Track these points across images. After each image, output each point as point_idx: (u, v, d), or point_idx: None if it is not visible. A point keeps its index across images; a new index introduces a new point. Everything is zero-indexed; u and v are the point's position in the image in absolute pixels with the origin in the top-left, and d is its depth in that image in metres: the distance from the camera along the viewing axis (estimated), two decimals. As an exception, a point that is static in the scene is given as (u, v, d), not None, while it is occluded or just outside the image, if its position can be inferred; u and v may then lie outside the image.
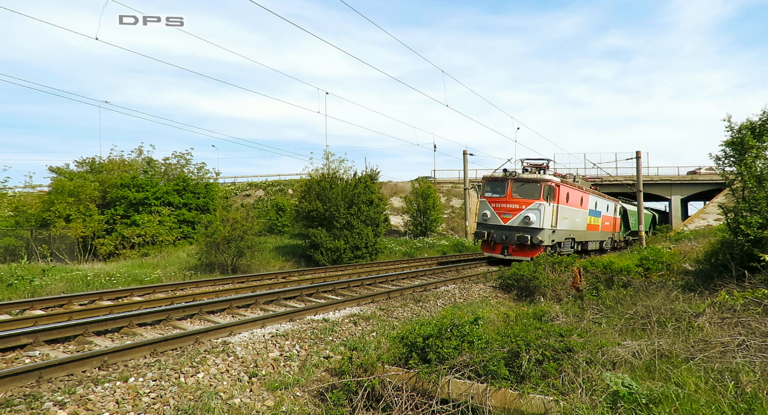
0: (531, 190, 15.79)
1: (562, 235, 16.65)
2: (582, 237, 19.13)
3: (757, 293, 6.04)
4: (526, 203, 15.63)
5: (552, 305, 8.58)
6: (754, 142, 9.07)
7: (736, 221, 8.64)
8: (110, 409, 3.93)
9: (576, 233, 18.22)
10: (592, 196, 20.36)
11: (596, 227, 21.14)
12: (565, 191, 16.68)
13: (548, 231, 15.47)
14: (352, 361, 5.01)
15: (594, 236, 20.93)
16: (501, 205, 16.17)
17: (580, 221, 18.61)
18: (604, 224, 22.53)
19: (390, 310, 8.42)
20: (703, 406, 3.43)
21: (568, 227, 17.26)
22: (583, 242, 19.50)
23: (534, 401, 3.88)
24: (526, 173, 16.24)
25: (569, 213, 17.16)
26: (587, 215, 19.50)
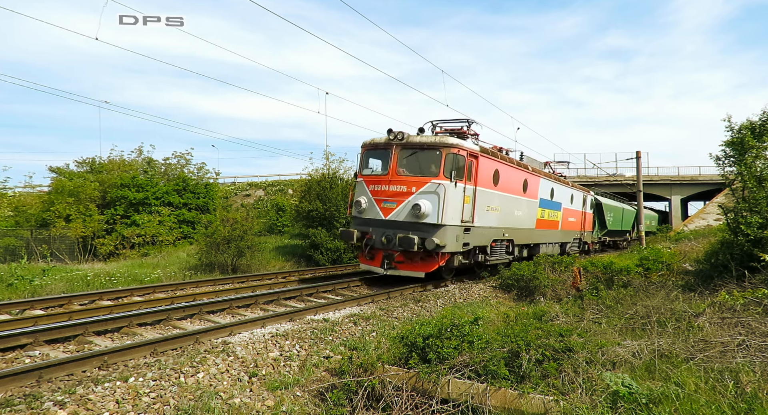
0: (426, 163, 10.14)
1: (485, 235, 11.35)
2: (527, 238, 14.06)
3: (757, 293, 6.04)
4: (418, 183, 9.93)
5: (552, 305, 8.58)
6: (754, 142, 9.08)
7: (736, 221, 8.64)
8: (110, 409, 3.93)
9: (516, 232, 13.07)
10: (545, 181, 15.23)
11: (553, 223, 16.11)
12: (489, 167, 11.32)
13: (454, 230, 10.01)
14: (352, 361, 5.01)
15: (549, 236, 15.83)
16: (382, 188, 10.28)
17: (523, 215, 13.57)
18: (567, 221, 17.66)
19: (390, 310, 8.42)
20: (703, 406, 3.43)
21: (499, 222, 12.02)
22: (529, 245, 14.46)
23: (534, 401, 3.88)
24: (422, 136, 10.40)
25: (501, 202, 12.02)
26: (536, 207, 14.49)
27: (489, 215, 11.48)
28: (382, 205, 10.21)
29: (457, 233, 10.16)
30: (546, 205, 15.46)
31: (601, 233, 23.95)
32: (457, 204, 10.10)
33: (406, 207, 9.86)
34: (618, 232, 27.95)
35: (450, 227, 9.88)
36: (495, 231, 11.86)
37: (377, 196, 10.32)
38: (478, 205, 10.81)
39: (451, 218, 9.92)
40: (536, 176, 14.58)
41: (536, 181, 14.56)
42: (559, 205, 16.75)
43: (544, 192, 15.23)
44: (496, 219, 11.85)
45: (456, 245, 10.16)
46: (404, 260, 10.16)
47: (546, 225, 15.61)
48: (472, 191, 10.66)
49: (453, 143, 10.11)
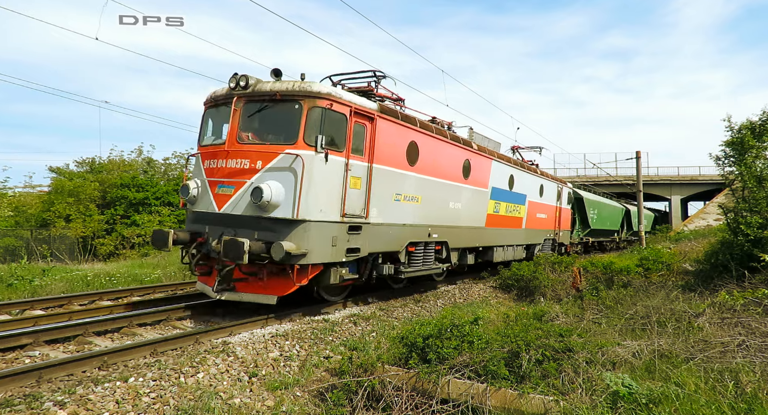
0: (280, 124, 6.94)
1: (393, 236, 8.10)
2: (471, 239, 10.84)
3: (757, 293, 6.04)
4: (266, 156, 6.69)
5: (552, 305, 8.58)
6: (754, 142, 9.07)
7: (736, 221, 8.64)
8: (110, 409, 3.93)
9: (451, 231, 9.85)
10: (501, 165, 12.19)
11: (513, 220, 13.14)
12: (399, 138, 8.17)
13: (325, 228, 6.79)
14: (352, 361, 5.01)
15: (507, 236, 12.79)
16: (218, 165, 7.00)
17: (463, 209, 10.32)
18: (535, 217, 14.66)
19: (390, 310, 8.42)
20: (703, 406, 3.43)
21: (420, 217, 8.81)
22: (475, 248, 11.25)
23: (534, 401, 3.88)
24: (276, 82, 6.98)
25: (422, 189, 8.82)
26: (486, 198, 11.41)
27: (400, 208, 8.17)
28: (217, 190, 6.84)
29: (334, 234, 6.84)
30: (502, 196, 12.31)
31: (583, 232, 21.14)
32: (332, 188, 6.81)
33: (246, 193, 6.53)
34: (603, 231, 25.07)
35: (316, 223, 6.58)
36: (413, 230, 8.53)
37: (212, 177, 6.95)
38: (377, 193, 7.53)
39: (320, 210, 6.63)
40: (486, 158, 11.36)
41: (485, 164, 11.32)
42: (523, 198, 13.75)
43: (498, 179, 12.11)
44: (414, 213, 8.54)
45: (332, 251, 6.83)
46: (248, 277, 6.88)
47: (502, 222, 12.43)
48: (365, 171, 7.32)
49: (322, 92, 6.72)
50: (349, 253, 7.21)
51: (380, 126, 7.67)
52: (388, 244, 8.06)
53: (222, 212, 6.81)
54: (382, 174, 7.77)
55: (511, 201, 13.04)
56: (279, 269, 6.74)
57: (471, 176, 10.77)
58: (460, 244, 10.44)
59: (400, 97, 9.19)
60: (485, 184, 11.50)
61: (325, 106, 6.78)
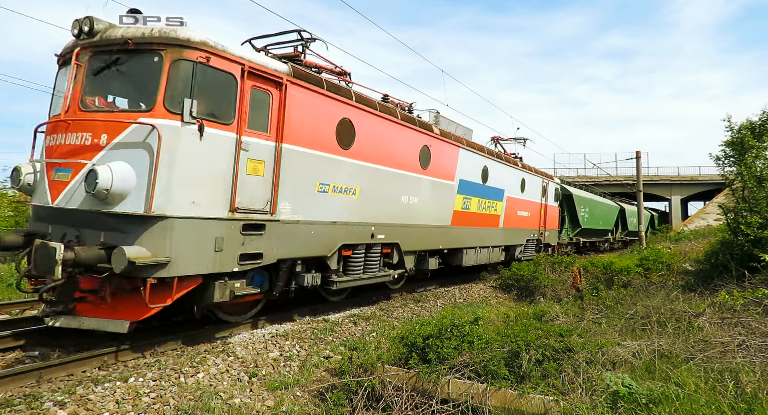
0: (135, 83, 5.27)
1: (315, 237, 6.62)
2: (432, 240, 9.38)
3: (757, 293, 6.04)
4: (112, 128, 4.86)
5: (552, 305, 8.58)
6: (754, 143, 9.07)
7: (736, 221, 8.64)
8: (110, 409, 3.94)
9: (405, 231, 8.45)
10: (471, 155, 10.71)
11: (487, 218, 11.62)
12: (323, 113, 6.67)
13: (201, 227, 5.11)
14: (352, 361, 5.01)
15: (480, 236, 11.27)
16: (57, 141, 5.16)
17: (421, 204, 8.85)
18: (515, 215, 13.24)
19: (390, 310, 8.42)
20: (703, 406, 3.43)
21: (358, 214, 7.37)
22: (438, 251, 9.83)
23: (534, 401, 3.88)
24: (130, 26, 5.08)
25: (361, 178, 7.39)
26: (452, 193, 9.97)
27: (328, 201, 6.66)
28: (53, 176, 5.11)
29: (219, 235, 5.23)
30: (473, 190, 10.81)
31: (573, 232, 19.83)
32: (214, 173, 5.17)
33: (80, 180, 4.84)
34: (596, 231, 23.53)
35: (185, 221, 4.92)
36: (347, 230, 7.04)
37: (51, 157, 5.21)
38: (290, 181, 5.98)
39: (192, 203, 4.97)
40: (452, 145, 9.84)
41: (451, 153, 9.86)
42: (500, 193, 12.25)
43: (468, 171, 10.61)
44: (349, 208, 7.04)
45: (215, 258, 5.22)
46: (92, 296, 5.09)
47: (473, 221, 10.89)
48: (271, 152, 5.73)
49: (193, 40, 4.99)
50: (244, 260, 5.50)
51: (294, 96, 6.04)
52: (310, 247, 6.43)
53: (55, 205, 4.97)
54: (299, 158, 6.14)
55: (485, 196, 11.47)
56: (133, 286, 4.92)
57: (432, 166, 9.23)
58: (417, 246, 8.92)
59: (345, 71, 7.69)
60: (451, 175, 9.95)
61: (197, 60, 4.98)
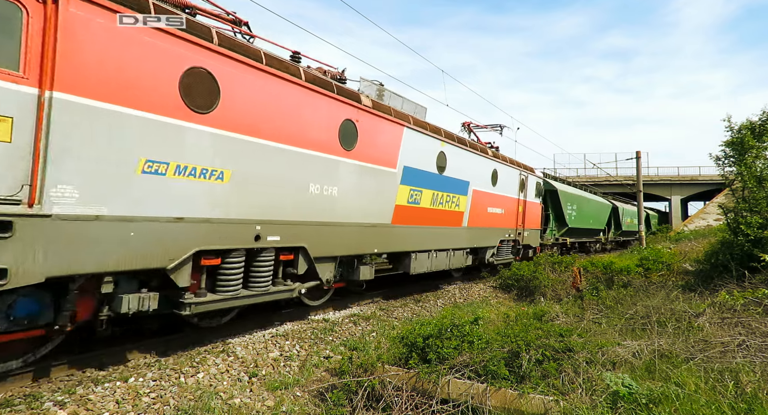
0: None
1: (146, 242, 4.56)
2: (373, 242, 7.76)
3: (757, 293, 6.04)
4: None
5: (552, 305, 8.59)
6: (754, 143, 9.07)
7: (736, 221, 8.64)
8: (110, 409, 3.94)
9: (315, 231, 6.60)
10: (424, 139, 9.00)
11: (447, 216, 9.87)
12: (149, 53, 4.56)
13: None
14: (352, 361, 5.01)
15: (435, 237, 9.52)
16: None
17: (345, 195, 7.14)
18: (484, 213, 11.46)
19: (390, 310, 8.42)
20: (703, 406, 3.43)
21: (236, 208, 5.47)
22: (380, 255, 8.40)
23: (534, 401, 3.88)
24: None
25: (235, 155, 5.44)
26: (393, 183, 8.18)
27: (162, 187, 4.77)
28: None
29: None
30: (424, 181, 9.02)
31: (560, 231, 18.32)
32: None
33: None
34: (585, 231, 21.74)
35: None
36: (209, 230, 5.17)
37: None
38: (78, 155, 4.10)
39: None
40: (392, 124, 8.02)
41: (391, 133, 8.02)
42: (464, 186, 10.50)
43: (417, 157, 8.77)
44: (209, 198, 5.16)
45: None
46: None
47: (425, 218, 9.10)
48: (28, 104, 3.81)
49: None
50: None
51: (89, 21, 4.10)
52: (128, 256, 4.47)
53: None
54: (100, 119, 4.21)
55: (443, 189, 9.64)
56: None
57: (360, 147, 7.30)
58: (338, 250, 7.01)
59: (240, 19, 6.08)
60: (390, 161, 8.06)
61: None
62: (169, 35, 4.78)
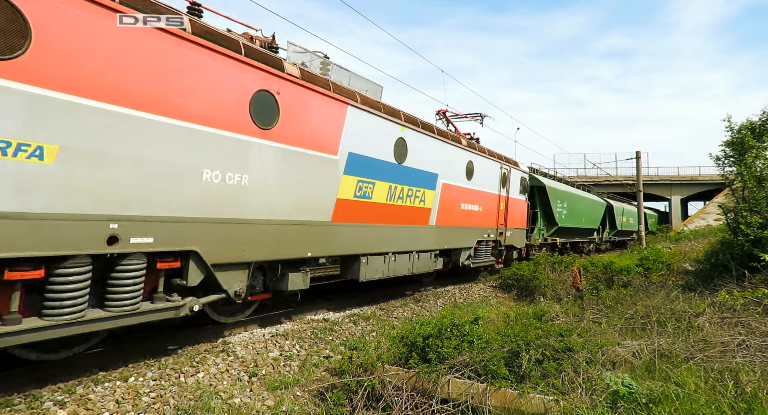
0: None
1: None
2: (307, 244, 6.38)
3: (757, 293, 6.04)
4: None
5: (552, 304, 8.59)
6: (754, 143, 9.08)
7: (736, 221, 8.64)
8: (110, 409, 3.94)
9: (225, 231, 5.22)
10: (375, 121, 7.67)
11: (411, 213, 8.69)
12: None
13: None
14: (352, 361, 5.02)
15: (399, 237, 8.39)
16: None
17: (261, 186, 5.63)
18: (456, 210, 10.23)
19: (390, 310, 8.42)
20: (703, 406, 3.43)
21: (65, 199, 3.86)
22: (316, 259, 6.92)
23: (534, 401, 3.88)
24: None
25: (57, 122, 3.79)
26: (336, 173, 6.87)
27: None
28: None
29: None
30: (377, 172, 7.62)
31: (549, 231, 17.20)
32: None
33: None
34: (577, 230, 20.50)
35: None
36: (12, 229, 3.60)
37: None
38: None
39: None
40: (330, 100, 6.64)
41: (329, 111, 6.64)
42: (431, 179, 9.21)
43: (367, 142, 7.39)
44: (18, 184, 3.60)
45: None
46: None
47: (377, 215, 7.74)
48: None
49: None
50: None
51: None
52: None
53: None
54: None
55: (403, 181, 8.34)
56: None
57: (283, 127, 5.86)
58: (249, 254, 5.54)
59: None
60: (329, 146, 6.64)
61: None
62: None
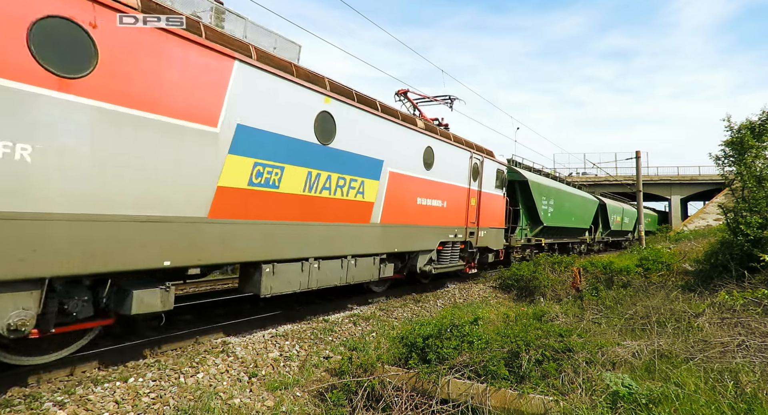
0: None
1: None
2: (167, 250, 4.59)
3: (756, 293, 6.04)
4: None
5: (552, 305, 8.59)
6: (753, 142, 9.07)
7: (736, 221, 8.64)
8: (110, 409, 3.93)
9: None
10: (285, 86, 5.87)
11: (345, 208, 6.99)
12: None
13: None
14: (351, 361, 5.01)
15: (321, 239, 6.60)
16: None
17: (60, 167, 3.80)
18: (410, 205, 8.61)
19: (390, 310, 8.42)
20: (703, 406, 3.43)
21: None
22: (183, 271, 5.06)
23: (534, 401, 3.88)
24: None
25: None
26: (217, 152, 5.06)
27: None
28: None
29: None
30: (286, 153, 5.99)
31: (533, 231, 15.70)
32: None
33: None
34: (566, 230, 18.83)
35: None
36: None
37: None
38: None
39: None
40: (201, 50, 4.97)
41: (203, 65, 4.99)
42: (375, 167, 7.49)
43: (271, 114, 5.79)
44: None
45: None
46: None
47: (291, 209, 6.10)
48: None
49: None
50: None
51: None
52: None
53: None
54: None
55: (330, 168, 6.56)
56: None
57: (101, 77, 4.18)
58: (34, 268, 3.77)
59: None
60: (203, 115, 4.99)
61: None
62: None
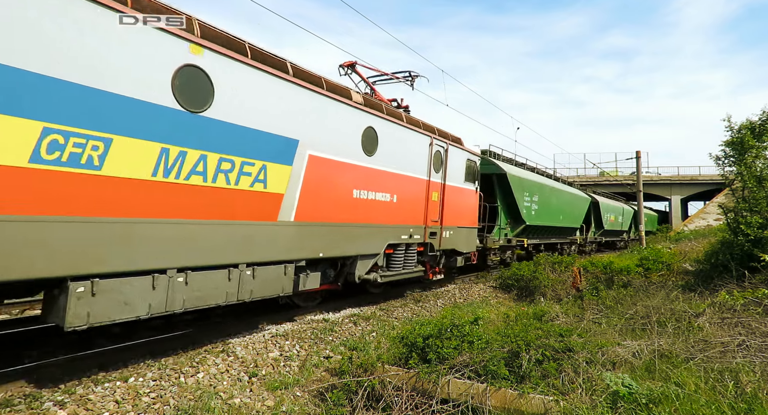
0: None
1: None
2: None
3: (757, 293, 6.04)
4: None
5: (552, 305, 8.59)
6: (753, 142, 9.07)
7: (736, 221, 8.64)
8: (110, 409, 3.93)
9: None
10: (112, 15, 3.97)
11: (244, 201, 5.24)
12: None
13: None
14: (352, 361, 5.01)
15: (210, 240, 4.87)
16: None
17: None
18: (344, 198, 6.86)
19: (390, 310, 8.42)
20: (703, 406, 3.43)
21: None
22: None
23: (534, 401, 3.88)
24: None
25: None
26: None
27: None
28: None
29: None
30: (124, 120, 4.10)
31: (514, 230, 14.09)
32: None
33: None
34: (552, 230, 17.15)
35: None
36: None
37: None
38: None
39: None
40: None
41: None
42: (285, 147, 5.84)
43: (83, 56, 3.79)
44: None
45: None
46: None
47: (122, 201, 4.12)
48: None
49: None
50: None
51: None
52: None
53: None
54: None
55: (207, 146, 4.89)
56: None
57: None
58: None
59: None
60: None
61: None
62: None
